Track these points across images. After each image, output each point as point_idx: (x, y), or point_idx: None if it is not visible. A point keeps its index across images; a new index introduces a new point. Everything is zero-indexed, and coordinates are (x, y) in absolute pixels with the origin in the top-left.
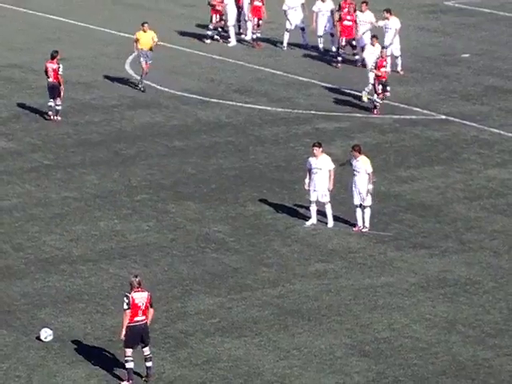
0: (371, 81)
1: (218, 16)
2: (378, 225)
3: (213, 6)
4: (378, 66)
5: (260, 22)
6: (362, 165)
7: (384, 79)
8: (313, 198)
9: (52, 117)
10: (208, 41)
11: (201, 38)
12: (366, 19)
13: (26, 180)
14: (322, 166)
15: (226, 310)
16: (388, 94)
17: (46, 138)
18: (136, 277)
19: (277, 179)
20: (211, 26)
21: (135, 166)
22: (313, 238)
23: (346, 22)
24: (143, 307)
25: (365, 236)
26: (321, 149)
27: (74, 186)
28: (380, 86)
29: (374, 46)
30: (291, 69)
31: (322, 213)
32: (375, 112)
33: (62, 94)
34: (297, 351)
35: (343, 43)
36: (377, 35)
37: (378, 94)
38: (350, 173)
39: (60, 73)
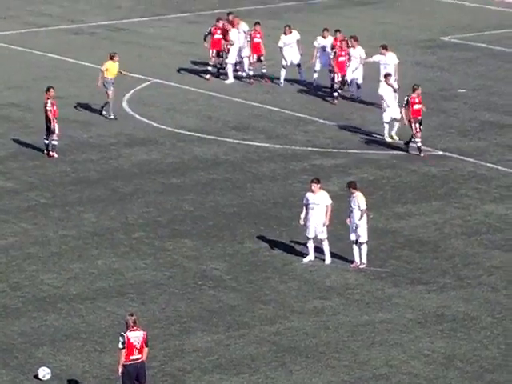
0: (386, 119)
1: (214, 51)
2: (375, 261)
3: (205, 39)
4: (410, 103)
5: (262, 57)
6: (356, 201)
7: (419, 117)
8: (310, 234)
9: (48, 152)
10: (207, 76)
11: (198, 74)
12: (356, 55)
13: (22, 219)
14: (320, 201)
15: (224, 347)
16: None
17: (43, 177)
18: (131, 315)
19: (274, 216)
20: (211, 62)
21: (132, 203)
22: (310, 274)
23: (340, 58)
24: (138, 346)
25: (362, 272)
26: (319, 185)
27: (71, 224)
28: (417, 125)
29: (387, 83)
30: (288, 105)
31: (319, 249)
32: (423, 155)
33: (52, 130)
34: None
35: (339, 79)
36: (390, 73)
37: (415, 134)
38: (347, 209)
39: (47, 108)
